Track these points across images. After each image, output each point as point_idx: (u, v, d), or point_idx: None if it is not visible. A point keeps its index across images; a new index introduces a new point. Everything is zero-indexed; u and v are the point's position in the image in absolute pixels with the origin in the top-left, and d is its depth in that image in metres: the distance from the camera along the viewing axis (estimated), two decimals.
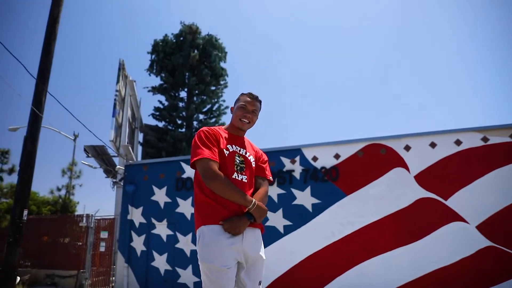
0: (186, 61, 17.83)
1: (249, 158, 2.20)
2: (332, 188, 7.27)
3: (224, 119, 18.41)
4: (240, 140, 2.25)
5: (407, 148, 6.99)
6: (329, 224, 7.11)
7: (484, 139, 6.63)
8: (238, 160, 2.12)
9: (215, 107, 18.88)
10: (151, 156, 16.30)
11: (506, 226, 6.17)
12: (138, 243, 8.45)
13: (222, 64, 19.21)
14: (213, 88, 18.92)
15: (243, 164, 2.14)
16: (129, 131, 10.76)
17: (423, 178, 6.77)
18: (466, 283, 6.14)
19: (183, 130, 17.84)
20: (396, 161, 6.99)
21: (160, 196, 8.53)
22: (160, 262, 8.15)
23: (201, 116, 18.70)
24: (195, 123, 18.24)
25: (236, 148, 2.15)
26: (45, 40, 7.39)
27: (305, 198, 7.44)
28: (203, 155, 1.97)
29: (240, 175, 2.08)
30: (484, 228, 6.26)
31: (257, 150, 2.36)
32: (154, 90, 18.47)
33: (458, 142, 6.76)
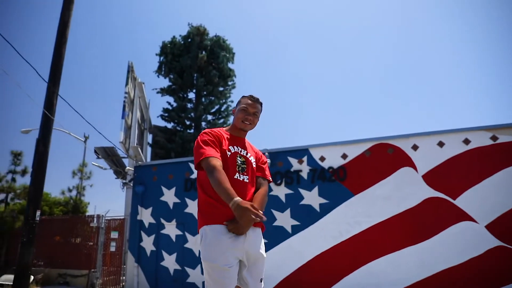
0: (194, 62, 17.94)
1: (250, 159, 2.25)
2: (339, 188, 7.28)
3: (232, 119, 18.43)
4: (241, 141, 2.30)
5: (415, 147, 6.96)
6: (336, 224, 7.12)
7: (493, 138, 6.58)
8: (239, 161, 2.17)
9: (223, 108, 18.96)
10: (160, 157, 16.44)
11: None
12: (148, 243, 8.56)
13: (230, 65, 19.28)
14: (221, 89, 19.00)
15: (245, 165, 2.19)
16: (138, 133, 10.89)
17: (431, 178, 6.74)
18: (475, 283, 6.10)
19: (192, 131, 17.95)
20: (404, 160, 6.97)
21: (169, 196, 8.63)
22: (170, 261, 8.24)
23: (209, 117, 18.80)
24: (203, 124, 18.34)
25: (237, 149, 2.21)
26: (56, 44, 7.54)
27: (312, 198, 7.46)
28: (206, 154, 2.01)
29: (241, 175, 2.14)
30: (493, 227, 6.21)
31: (256, 151, 2.41)
32: (163, 91, 18.63)
33: (467, 141, 6.71)
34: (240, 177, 2.12)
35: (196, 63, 17.94)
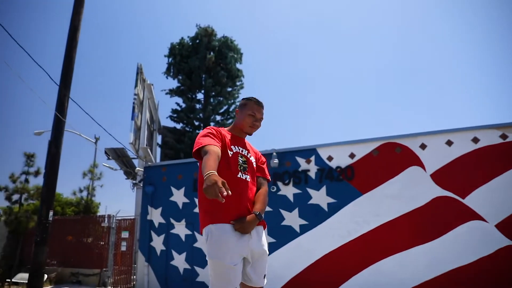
0: (202, 63, 18.07)
1: (250, 158, 2.31)
2: (347, 188, 7.29)
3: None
4: (242, 141, 2.37)
5: (423, 146, 6.94)
6: (345, 223, 7.14)
7: (503, 136, 6.52)
8: (241, 161, 2.23)
9: (231, 108, 19.08)
10: (170, 157, 16.61)
11: None
12: (158, 243, 8.67)
13: (238, 65, 19.38)
14: (229, 89, 19.11)
15: (246, 164, 2.25)
16: (147, 134, 11.04)
17: (439, 177, 6.71)
18: (484, 283, 6.06)
19: (201, 131, 18.10)
20: (412, 159, 6.95)
21: (178, 196, 8.73)
22: (179, 261, 8.34)
23: (218, 117, 18.92)
24: (212, 124, 18.46)
25: (239, 149, 2.27)
26: (66, 47, 7.70)
27: (320, 198, 7.48)
28: (204, 143, 2.00)
29: (244, 174, 2.20)
30: (503, 227, 6.16)
31: (256, 151, 2.48)
32: (172, 92, 18.81)
33: (476, 140, 6.66)
34: (242, 176, 2.19)
35: (204, 64, 18.07)
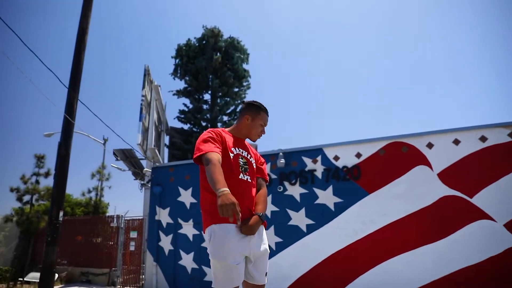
0: (209, 64, 18.16)
1: (250, 160, 2.37)
2: (354, 187, 7.29)
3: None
4: (242, 143, 2.43)
5: (430, 145, 6.91)
6: (351, 222, 7.14)
7: (511, 135, 6.47)
8: (241, 162, 2.28)
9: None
10: (177, 158, 16.72)
11: None
12: (166, 243, 8.76)
13: (244, 65, 19.43)
14: (236, 89, 19.17)
15: (246, 166, 2.30)
16: (155, 134, 11.14)
17: (447, 176, 6.68)
18: (493, 283, 6.02)
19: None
20: (419, 159, 6.92)
21: (186, 197, 8.80)
22: (187, 260, 8.42)
23: (225, 118, 18.99)
24: (219, 124, 18.54)
25: (239, 151, 2.32)
26: (75, 50, 7.81)
27: (327, 197, 7.49)
28: (205, 150, 2.09)
29: (245, 175, 2.25)
30: None
31: (255, 152, 2.53)
32: (179, 93, 18.92)
33: (483, 139, 6.62)
34: (244, 177, 2.24)
35: (211, 64, 18.15)
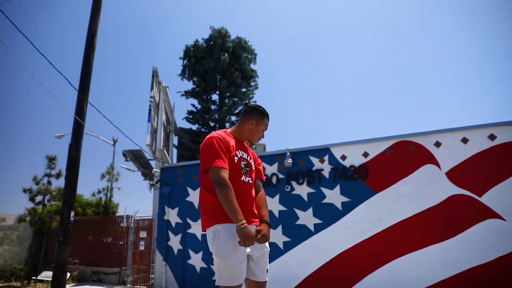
0: (216, 64, 18.26)
1: (250, 161, 2.44)
2: (361, 186, 7.29)
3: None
4: (243, 145, 2.50)
5: (437, 144, 6.87)
6: (359, 222, 7.13)
7: None
8: (243, 165, 2.35)
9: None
10: (186, 158, 16.84)
11: None
12: (175, 242, 8.85)
13: (252, 65, 19.49)
14: (244, 90, 19.25)
15: (248, 168, 2.38)
16: (164, 135, 11.25)
17: (455, 175, 6.63)
18: (502, 283, 5.95)
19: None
20: (426, 157, 6.88)
21: (194, 197, 8.88)
22: (196, 260, 8.50)
23: (233, 118, 19.07)
24: (227, 125, 18.62)
25: (242, 154, 2.39)
26: (84, 53, 7.95)
27: (334, 197, 7.50)
28: (216, 164, 2.17)
29: (246, 177, 2.33)
30: None
31: (253, 153, 2.59)
32: (187, 94, 19.07)
33: (492, 137, 6.56)
34: (246, 179, 2.32)
35: (219, 65, 18.24)
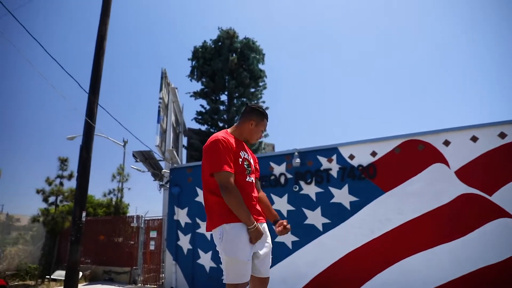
0: (225, 65, 18.34)
1: (251, 161, 2.49)
2: (369, 186, 7.27)
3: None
4: (243, 145, 2.55)
5: (446, 143, 6.82)
6: (367, 221, 7.12)
7: None
8: (246, 165, 2.40)
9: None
10: (195, 158, 16.96)
11: None
12: (185, 242, 8.94)
13: (260, 66, 19.53)
14: (252, 90, 19.30)
15: (250, 168, 2.43)
16: (173, 136, 11.35)
17: (464, 174, 6.57)
18: None
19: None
20: (435, 156, 6.84)
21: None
22: (205, 259, 8.57)
23: None
24: None
25: (244, 154, 2.44)
26: (94, 56, 8.09)
27: (343, 196, 7.49)
28: (225, 168, 2.20)
29: (249, 177, 2.39)
30: None
31: (251, 152, 2.64)
32: (196, 95, 19.19)
33: (503, 135, 6.49)
34: (249, 179, 2.38)
35: (227, 66, 18.32)
